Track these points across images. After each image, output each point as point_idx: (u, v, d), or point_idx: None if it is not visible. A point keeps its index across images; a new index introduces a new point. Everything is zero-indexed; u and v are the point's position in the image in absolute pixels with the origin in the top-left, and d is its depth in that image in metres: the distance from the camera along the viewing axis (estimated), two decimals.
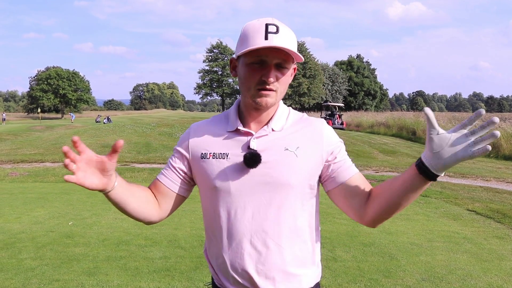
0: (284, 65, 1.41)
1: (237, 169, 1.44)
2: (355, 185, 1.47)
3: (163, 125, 25.84)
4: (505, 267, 4.65)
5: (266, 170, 1.42)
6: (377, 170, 13.17)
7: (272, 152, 1.43)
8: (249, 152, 1.42)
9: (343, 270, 4.48)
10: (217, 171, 1.46)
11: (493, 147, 18.19)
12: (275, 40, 1.35)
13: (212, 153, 1.49)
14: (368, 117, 39.09)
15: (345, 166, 1.49)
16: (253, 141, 1.45)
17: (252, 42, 1.36)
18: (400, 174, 1.38)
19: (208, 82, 72.35)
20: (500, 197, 8.69)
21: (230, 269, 1.44)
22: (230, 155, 1.46)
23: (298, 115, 1.57)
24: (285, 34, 1.39)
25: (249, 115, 1.50)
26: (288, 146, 1.45)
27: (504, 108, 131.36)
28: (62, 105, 72.51)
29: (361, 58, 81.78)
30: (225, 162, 1.46)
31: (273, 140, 1.46)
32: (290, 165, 1.43)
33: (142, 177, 11.33)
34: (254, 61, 1.39)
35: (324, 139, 1.48)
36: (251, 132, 1.47)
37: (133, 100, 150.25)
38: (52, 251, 5.02)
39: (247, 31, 1.41)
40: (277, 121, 1.50)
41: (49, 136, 22.67)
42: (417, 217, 6.96)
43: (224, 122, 1.55)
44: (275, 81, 1.40)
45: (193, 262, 4.67)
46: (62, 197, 8.34)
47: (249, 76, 1.41)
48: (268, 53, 1.37)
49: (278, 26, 1.38)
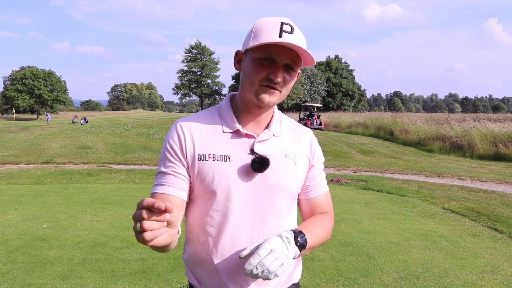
0: (293, 67, 1.37)
1: (241, 173, 1.38)
2: (316, 205, 1.57)
3: (141, 126, 25.59)
4: (479, 264, 4.72)
5: (269, 175, 1.39)
6: (355, 170, 13.27)
7: (273, 158, 1.40)
8: (259, 157, 1.38)
9: (321, 269, 4.48)
10: (217, 175, 1.37)
11: (468, 147, 18.55)
12: (290, 39, 1.30)
13: (211, 155, 1.39)
14: (346, 117, 39.43)
15: (319, 185, 1.57)
16: (257, 145, 1.41)
17: (266, 37, 1.31)
18: None
19: (187, 83, 71.99)
20: (475, 196, 8.85)
21: (225, 277, 1.39)
22: (232, 158, 1.39)
23: (289, 121, 1.57)
24: (299, 35, 1.35)
25: (248, 113, 1.44)
26: (287, 152, 1.46)
27: (479, 109, 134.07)
28: (38, 106, 71.02)
29: (339, 59, 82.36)
30: (227, 165, 1.38)
31: (274, 145, 1.45)
32: (290, 172, 1.44)
33: (119, 178, 11.18)
34: (263, 56, 1.34)
35: (313, 151, 1.54)
36: (253, 135, 1.42)
37: (111, 101, 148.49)
38: (25, 254, 4.90)
39: (260, 26, 1.36)
40: (276, 126, 1.48)
41: (24, 137, 22.22)
42: (394, 216, 7.03)
43: (217, 120, 1.45)
44: (282, 81, 1.36)
45: (170, 264, 4.61)
46: (37, 199, 8.15)
47: (255, 72, 1.35)
48: (280, 52, 1.33)
49: (293, 26, 1.34)
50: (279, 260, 1.24)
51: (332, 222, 1.59)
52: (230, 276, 1.39)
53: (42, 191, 9.08)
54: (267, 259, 1.22)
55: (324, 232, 1.50)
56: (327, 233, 1.52)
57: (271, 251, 1.24)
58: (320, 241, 1.47)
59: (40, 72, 68.88)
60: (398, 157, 17.67)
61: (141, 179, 11.12)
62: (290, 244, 1.30)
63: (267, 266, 1.22)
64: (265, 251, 1.23)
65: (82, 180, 10.86)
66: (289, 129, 1.52)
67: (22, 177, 10.99)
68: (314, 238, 1.42)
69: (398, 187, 9.84)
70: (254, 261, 1.22)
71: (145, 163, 13.92)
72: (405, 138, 24.23)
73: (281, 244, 1.27)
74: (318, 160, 1.55)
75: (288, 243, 1.29)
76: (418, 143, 22.33)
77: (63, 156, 14.94)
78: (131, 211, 7.08)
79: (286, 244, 1.28)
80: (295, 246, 1.32)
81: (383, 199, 8.57)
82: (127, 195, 8.67)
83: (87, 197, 8.41)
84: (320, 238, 1.47)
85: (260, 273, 1.22)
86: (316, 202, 1.56)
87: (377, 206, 7.80)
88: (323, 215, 1.55)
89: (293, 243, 1.31)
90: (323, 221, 1.52)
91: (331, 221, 1.57)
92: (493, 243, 5.57)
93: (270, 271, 1.22)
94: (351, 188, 9.98)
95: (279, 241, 1.28)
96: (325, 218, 1.55)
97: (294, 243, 1.32)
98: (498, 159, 16.67)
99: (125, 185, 10.22)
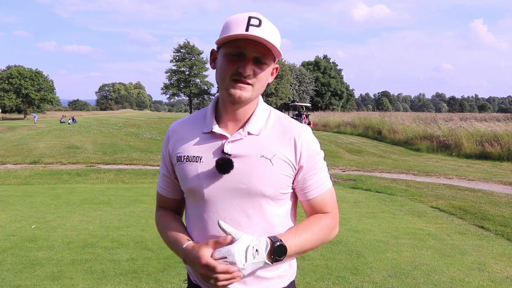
0: (263, 61, 1.37)
1: (210, 174, 1.40)
2: (316, 205, 1.51)
3: (129, 125, 25.45)
4: (466, 261, 4.79)
5: (240, 176, 1.38)
6: (344, 169, 13.35)
7: (246, 159, 1.39)
8: (221, 158, 1.38)
9: (311, 268, 4.51)
10: (191, 175, 1.42)
11: (455, 146, 18.75)
12: (256, 33, 1.32)
13: (186, 156, 1.44)
14: (334, 117, 39.62)
15: (316, 184, 1.48)
16: (227, 145, 1.40)
17: (232, 32, 1.33)
18: None
19: (176, 82, 71.58)
20: (462, 194, 8.95)
21: None
22: (203, 159, 1.42)
23: (279, 117, 1.50)
24: (267, 28, 1.35)
25: (226, 111, 1.45)
26: (264, 152, 1.40)
27: (465, 108, 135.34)
28: (25, 105, 70.18)
29: (327, 59, 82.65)
30: (198, 166, 1.42)
31: (249, 145, 1.41)
32: (265, 173, 1.39)
33: (108, 178, 11.12)
34: (232, 52, 1.35)
35: (299, 152, 1.43)
36: (226, 135, 1.42)
37: (99, 100, 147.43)
38: (13, 255, 4.85)
39: (229, 21, 1.38)
40: (255, 123, 1.44)
41: (10, 137, 21.98)
42: (383, 215, 7.09)
43: (201, 121, 1.49)
44: (252, 75, 1.36)
45: (160, 263, 4.61)
46: (25, 200, 8.08)
47: (225, 67, 1.37)
48: (247, 45, 1.34)
49: (261, 20, 1.35)
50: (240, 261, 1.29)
51: (333, 222, 1.52)
52: None
53: (30, 192, 9.00)
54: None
55: (318, 235, 1.45)
56: (323, 235, 1.47)
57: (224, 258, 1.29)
58: (311, 245, 1.44)
59: (27, 72, 68.04)
60: (386, 156, 17.81)
61: (130, 179, 11.07)
62: (255, 258, 1.31)
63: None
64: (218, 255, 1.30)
65: (71, 180, 10.79)
66: (274, 127, 1.46)
67: (9, 178, 10.89)
68: (302, 243, 1.40)
69: (387, 186, 9.92)
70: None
71: (134, 163, 13.86)
72: (393, 137, 24.43)
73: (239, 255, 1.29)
74: (309, 160, 1.44)
75: (252, 255, 1.30)
76: (406, 142, 22.53)
77: (51, 156, 14.82)
78: (121, 211, 7.06)
79: (248, 256, 1.30)
80: (264, 258, 1.32)
81: (372, 198, 8.64)
82: (116, 195, 8.63)
83: (76, 198, 8.35)
84: (313, 241, 1.44)
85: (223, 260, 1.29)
86: (316, 202, 1.49)
87: (366, 205, 7.86)
88: (321, 216, 1.50)
89: (262, 254, 1.32)
90: (320, 223, 1.47)
91: (331, 222, 1.51)
92: (479, 240, 5.65)
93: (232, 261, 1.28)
94: (340, 187, 10.03)
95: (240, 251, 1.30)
96: (324, 219, 1.49)
97: (267, 254, 1.33)
98: (484, 158, 16.88)
99: (114, 185, 10.17)
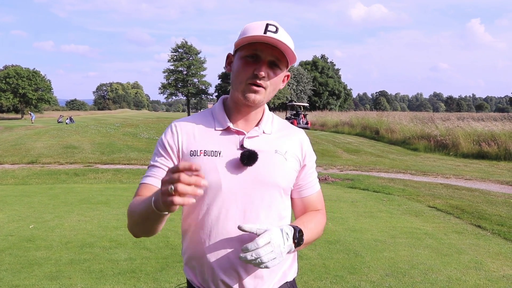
0: (278, 64, 1.43)
1: (230, 167, 1.43)
2: (309, 203, 1.61)
3: (127, 125, 25.44)
4: (463, 260, 4.81)
5: (260, 169, 1.44)
6: (341, 169, 13.37)
7: (263, 153, 1.45)
8: (248, 150, 1.43)
9: (309, 267, 4.53)
10: (208, 169, 1.42)
11: (453, 145, 18.79)
12: (273, 36, 1.37)
13: (203, 151, 1.45)
14: (332, 116, 39.63)
15: (312, 183, 1.62)
16: (247, 141, 1.46)
17: (250, 35, 1.39)
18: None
19: (173, 82, 71.39)
20: (459, 194, 8.99)
21: (217, 268, 1.42)
22: (223, 153, 1.44)
23: (281, 121, 1.62)
24: (283, 35, 1.41)
25: (238, 112, 1.50)
26: (278, 149, 1.50)
27: (463, 108, 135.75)
28: (22, 105, 69.93)
29: (325, 59, 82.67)
30: (217, 160, 1.44)
31: (264, 141, 1.49)
32: (280, 167, 1.48)
33: (106, 178, 11.12)
34: (248, 54, 1.41)
35: (304, 152, 1.57)
36: (243, 131, 1.48)
37: (97, 100, 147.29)
38: (11, 255, 4.86)
39: (247, 27, 1.44)
40: (266, 124, 1.53)
41: (7, 137, 21.92)
42: (381, 214, 7.12)
43: (210, 120, 1.53)
44: (266, 77, 1.42)
45: (158, 263, 4.62)
46: (23, 200, 8.08)
47: (242, 70, 1.42)
48: (264, 49, 1.39)
49: (278, 27, 1.41)
50: (274, 253, 1.29)
51: (325, 219, 1.64)
52: (222, 268, 1.42)
53: (28, 192, 9.00)
54: (263, 249, 1.27)
55: (318, 228, 1.55)
56: (320, 229, 1.57)
57: (268, 243, 1.28)
58: (313, 237, 1.52)
59: (24, 71, 67.79)
60: (384, 156, 17.84)
61: (128, 178, 11.08)
62: (288, 240, 1.34)
63: (261, 256, 1.26)
64: (264, 241, 1.28)
65: (69, 180, 10.79)
66: (280, 128, 1.57)
67: (6, 178, 10.88)
68: (308, 234, 1.46)
69: (384, 186, 9.95)
70: (251, 248, 1.27)
71: (132, 162, 13.86)
72: (391, 137, 24.46)
73: (279, 238, 1.31)
74: (310, 160, 1.59)
75: (286, 239, 1.33)
76: (404, 142, 22.56)
77: (49, 156, 14.80)
78: (119, 211, 7.07)
79: (284, 239, 1.33)
80: (292, 242, 1.36)
81: (369, 197, 8.67)
82: (114, 195, 8.64)
83: (74, 197, 8.35)
84: (314, 234, 1.51)
85: (253, 260, 1.27)
86: (309, 200, 1.60)
87: (363, 205, 7.88)
88: (316, 212, 1.60)
89: (291, 239, 1.35)
90: (316, 218, 1.57)
91: (323, 218, 1.62)
92: (476, 239, 5.68)
93: (262, 261, 1.27)
94: (337, 186, 10.06)
95: (278, 235, 1.32)
96: (318, 215, 1.59)
97: (292, 239, 1.36)
98: (482, 158, 16.93)
99: (112, 185, 10.18)
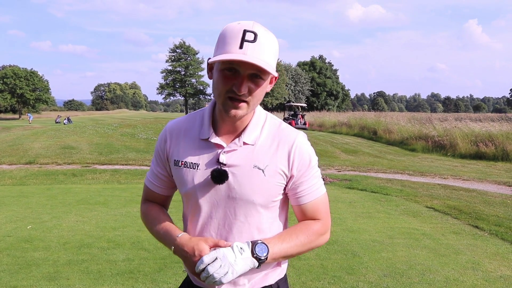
0: (260, 76, 1.34)
1: (205, 182, 1.46)
2: (307, 210, 1.53)
3: (125, 125, 25.41)
4: (461, 261, 4.82)
5: (233, 185, 1.43)
6: (339, 169, 13.38)
7: (240, 169, 1.43)
8: (216, 170, 1.43)
9: (307, 268, 4.54)
10: (187, 181, 1.48)
11: (450, 146, 18.83)
12: (250, 51, 1.29)
13: (184, 162, 1.49)
14: (330, 117, 39.69)
15: (308, 191, 1.51)
16: (223, 155, 1.44)
17: (226, 49, 1.31)
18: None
19: (171, 82, 71.47)
20: (456, 194, 9.01)
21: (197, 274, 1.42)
22: (200, 166, 1.46)
23: (274, 125, 1.50)
24: (262, 43, 1.32)
25: (223, 121, 1.47)
26: (258, 163, 1.43)
27: (460, 108, 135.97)
28: (20, 105, 69.75)
29: (323, 59, 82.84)
30: (195, 173, 1.47)
31: (243, 155, 1.44)
32: (257, 183, 1.43)
33: (104, 178, 11.11)
34: (226, 67, 1.32)
35: (292, 161, 1.45)
36: (222, 144, 1.45)
37: (95, 100, 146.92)
38: (9, 256, 4.85)
39: (224, 34, 1.34)
40: (251, 133, 1.45)
41: (5, 137, 21.89)
42: (379, 215, 7.12)
43: (197, 126, 1.51)
44: (247, 93, 1.34)
45: (157, 264, 4.62)
46: (20, 200, 8.06)
47: (220, 83, 1.35)
48: (241, 63, 1.30)
49: (257, 33, 1.31)
50: (224, 268, 1.31)
51: (323, 228, 1.54)
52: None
53: (25, 192, 8.99)
54: (211, 266, 1.32)
55: (304, 241, 1.48)
56: (310, 241, 1.49)
57: (216, 259, 1.32)
58: (299, 249, 1.47)
59: (22, 71, 67.65)
60: (382, 156, 17.87)
61: (126, 179, 11.07)
62: (242, 255, 1.35)
63: (211, 272, 1.31)
64: (209, 259, 1.33)
65: (67, 181, 10.77)
66: (268, 137, 1.47)
67: (4, 178, 10.85)
68: (286, 248, 1.44)
69: (382, 186, 9.96)
70: (199, 267, 1.34)
71: (130, 163, 13.84)
72: (389, 137, 24.50)
73: (229, 253, 1.33)
74: (300, 168, 1.47)
75: (240, 253, 1.34)
76: (401, 142, 22.61)
77: (47, 157, 14.77)
78: (117, 211, 7.07)
79: (236, 254, 1.34)
80: (250, 255, 1.36)
81: (367, 198, 8.67)
82: (112, 195, 8.63)
83: (71, 198, 8.35)
84: (299, 246, 1.47)
85: (206, 278, 1.32)
86: (306, 208, 1.52)
87: (361, 205, 7.89)
88: (311, 222, 1.52)
89: (247, 253, 1.36)
90: (308, 229, 1.50)
91: (321, 228, 1.53)
92: (474, 240, 5.70)
93: (214, 277, 1.31)
94: (335, 187, 10.07)
95: (227, 250, 1.34)
96: (313, 225, 1.51)
97: (250, 254, 1.36)
98: (479, 158, 16.97)
99: (110, 186, 10.16)
